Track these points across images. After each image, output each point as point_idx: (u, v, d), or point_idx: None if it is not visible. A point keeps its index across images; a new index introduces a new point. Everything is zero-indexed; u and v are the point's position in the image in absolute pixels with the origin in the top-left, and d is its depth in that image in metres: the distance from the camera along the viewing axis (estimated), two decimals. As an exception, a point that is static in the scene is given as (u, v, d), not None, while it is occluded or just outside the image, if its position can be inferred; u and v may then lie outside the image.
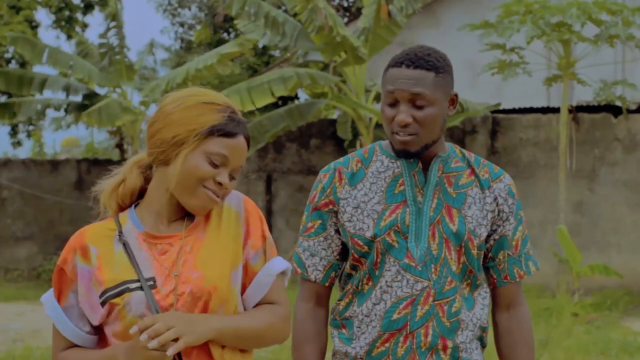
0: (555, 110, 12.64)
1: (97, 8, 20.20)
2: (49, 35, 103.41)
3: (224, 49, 12.24)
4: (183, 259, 2.11)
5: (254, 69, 21.31)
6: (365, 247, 2.45)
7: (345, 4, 22.90)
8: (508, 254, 2.54)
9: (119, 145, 15.53)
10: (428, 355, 2.43)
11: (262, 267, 2.20)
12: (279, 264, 2.24)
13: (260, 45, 12.37)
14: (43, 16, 56.76)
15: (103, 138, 24.05)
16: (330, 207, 2.50)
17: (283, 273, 2.27)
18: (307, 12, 10.98)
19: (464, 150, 2.57)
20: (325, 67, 13.99)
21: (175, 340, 1.99)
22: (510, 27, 10.27)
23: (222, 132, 2.07)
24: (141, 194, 2.20)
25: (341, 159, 2.56)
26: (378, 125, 11.91)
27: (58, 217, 14.52)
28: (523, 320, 2.55)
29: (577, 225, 11.88)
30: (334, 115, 14.79)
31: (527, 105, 13.15)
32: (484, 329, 2.53)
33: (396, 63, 2.45)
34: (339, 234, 2.53)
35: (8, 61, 19.30)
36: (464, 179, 2.50)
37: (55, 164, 14.82)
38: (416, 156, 2.45)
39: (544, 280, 11.76)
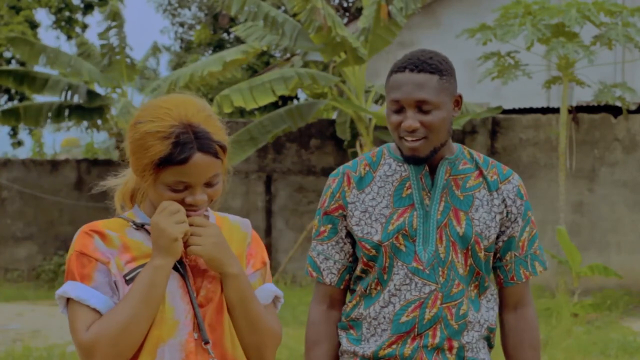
0: (555, 110, 12.65)
1: (97, 9, 20.22)
2: (49, 35, 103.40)
3: (228, 55, 12.24)
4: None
5: (253, 70, 21.32)
6: (373, 251, 2.47)
7: (345, 4, 22.90)
8: (515, 255, 2.55)
9: (119, 146, 15.52)
10: (434, 354, 2.45)
11: (259, 287, 2.23)
12: (274, 288, 2.27)
13: (260, 46, 12.34)
14: (43, 16, 56.75)
15: (103, 138, 24.06)
16: (340, 211, 2.53)
17: (276, 299, 2.28)
18: (306, 12, 10.98)
19: (472, 152, 2.57)
20: (325, 68, 13.99)
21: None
22: (510, 30, 10.27)
23: (170, 163, 2.02)
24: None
25: (349, 163, 2.58)
26: (377, 127, 11.92)
27: (58, 217, 14.51)
28: (530, 321, 2.56)
29: (576, 225, 11.88)
30: (334, 115, 14.80)
31: (527, 106, 13.16)
32: (491, 330, 2.55)
33: (399, 68, 2.44)
34: (350, 237, 2.55)
35: (8, 61, 19.31)
36: (472, 181, 2.51)
37: (55, 164, 14.82)
38: (425, 161, 2.45)
39: (544, 281, 11.75)
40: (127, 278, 2.06)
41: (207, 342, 2.10)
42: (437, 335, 2.44)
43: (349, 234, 2.55)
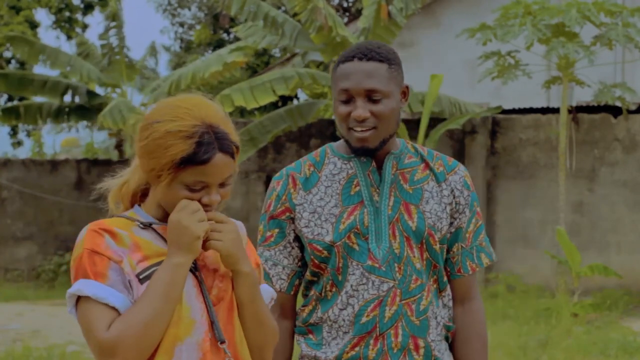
0: (555, 110, 12.65)
1: (97, 8, 20.23)
2: (49, 35, 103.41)
3: (228, 56, 12.24)
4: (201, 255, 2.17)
5: (253, 69, 21.33)
6: (325, 252, 2.42)
7: (345, 4, 22.90)
8: (461, 246, 2.51)
9: (119, 146, 15.54)
10: (401, 356, 2.41)
11: None
12: (269, 288, 2.29)
13: (260, 46, 12.36)
14: (43, 16, 56.72)
15: (103, 138, 24.06)
16: (287, 214, 2.48)
17: (270, 299, 2.29)
18: (307, 12, 10.99)
19: (416, 145, 2.54)
20: (325, 68, 14.00)
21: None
22: (510, 30, 10.28)
23: (192, 162, 2.02)
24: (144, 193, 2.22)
25: (293, 164, 2.54)
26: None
27: (58, 217, 14.52)
28: (477, 315, 2.53)
29: (576, 225, 11.88)
30: (334, 115, 14.80)
31: (527, 106, 13.16)
32: (448, 329, 2.51)
33: (347, 58, 2.41)
34: (298, 241, 2.49)
35: (8, 61, 19.32)
36: (419, 173, 2.48)
37: (55, 164, 14.83)
38: (375, 152, 2.42)
39: (544, 281, 11.76)
40: (141, 277, 2.04)
41: (223, 342, 2.09)
42: (399, 333, 2.40)
43: (297, 238, 2.49)
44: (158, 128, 2.05)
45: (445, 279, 2.50)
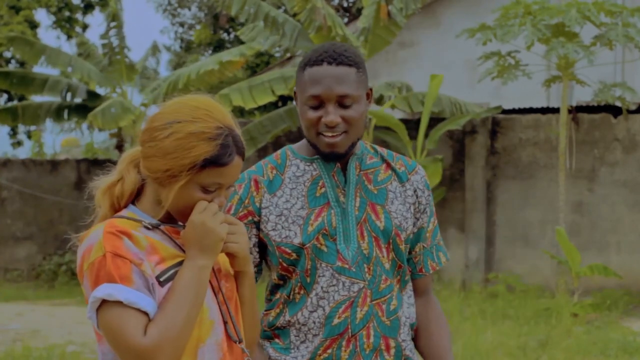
0: (555, 110, 12.65)
1: (97, 8, 20.24)
2: (49, 35, 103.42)
3: (226, 55, 12.24)
4: None
5: (253, 69, 21.34)
6: (294, 255, 2.39)
7: (345, 4, 22.91)
8: (423, 246, 2.53)
9: (119, 146, 15.53)
10: (372, 356, 2.40)
11: None
12: None
13: (263, 49, 12.37)
14: (43, 16, 56.75)
15: (103, 138, 24.06)
16: (250, 218, 2.43)
17: None
18: (306, 12, 10.99)
19: (375, 146, 2.54)
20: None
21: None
22: (510, 30, 10.28)
23: (214, 164, 2.02)
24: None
25: (254, 168, 2.50)
26: (377, 126, 11.92)
27: (58, 217, 14.52)
28: (436, 307, 2.58)
29: (576, 225, 11.88)
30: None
31: (527, 106, 13.16)
32: (412, 326, 2.52)
33: (315, 62, 2.36)
34: (259, 246, 2.47)
35: (8, 61, 19.32)
36: (382, 174, 2.48)
37: (54, 164, 14.83)
38: (344, 157, 2.40)
39: (544, 281, 11.76)
40: (161, 280, 2.01)
41: (241, 341, 2.11)
42: (371, 334, 2.39)
43: (258, 243, 2.45)
44: (180, 129, 2.02)
45: (407, 277, 2.51)
